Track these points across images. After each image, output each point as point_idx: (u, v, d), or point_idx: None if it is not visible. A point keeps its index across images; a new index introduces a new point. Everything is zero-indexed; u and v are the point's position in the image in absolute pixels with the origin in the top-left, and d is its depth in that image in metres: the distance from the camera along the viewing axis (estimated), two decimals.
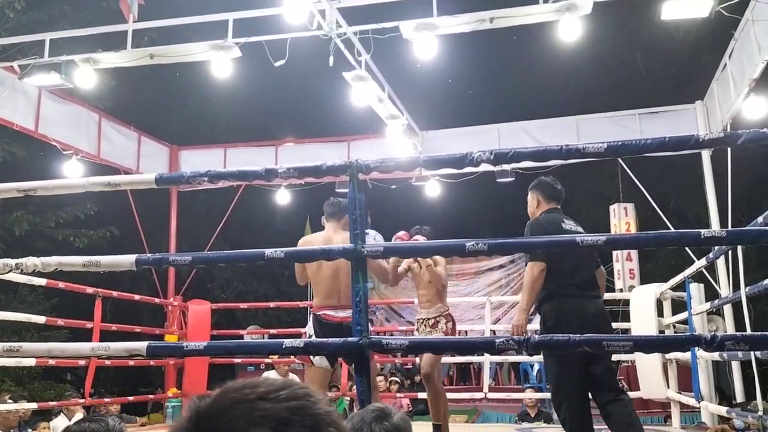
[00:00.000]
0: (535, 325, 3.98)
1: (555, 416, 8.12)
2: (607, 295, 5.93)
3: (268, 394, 0.73)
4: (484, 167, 7.15)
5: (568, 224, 3.56)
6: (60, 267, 3.24)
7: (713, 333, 2.87)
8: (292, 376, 7.90)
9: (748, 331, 4.34)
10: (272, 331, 9.69)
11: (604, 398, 3.36)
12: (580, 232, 3.49)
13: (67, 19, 9.91)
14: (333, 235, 3.93)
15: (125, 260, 3.15)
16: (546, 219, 3.60)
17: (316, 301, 3.91)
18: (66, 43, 7.63)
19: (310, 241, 3.99)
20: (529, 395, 7.53)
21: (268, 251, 3.06)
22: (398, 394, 8.08)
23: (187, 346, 3.02)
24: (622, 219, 8.48)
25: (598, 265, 3.66)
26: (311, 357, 3.72)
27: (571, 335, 2.61)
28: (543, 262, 3.37)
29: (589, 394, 3.41)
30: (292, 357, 7.94)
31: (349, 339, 3.08)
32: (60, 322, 6.54)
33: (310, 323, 3.93)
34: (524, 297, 3.44)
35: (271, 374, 7.89)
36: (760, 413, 4.18)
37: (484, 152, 3.01)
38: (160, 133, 9.65)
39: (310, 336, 3.87)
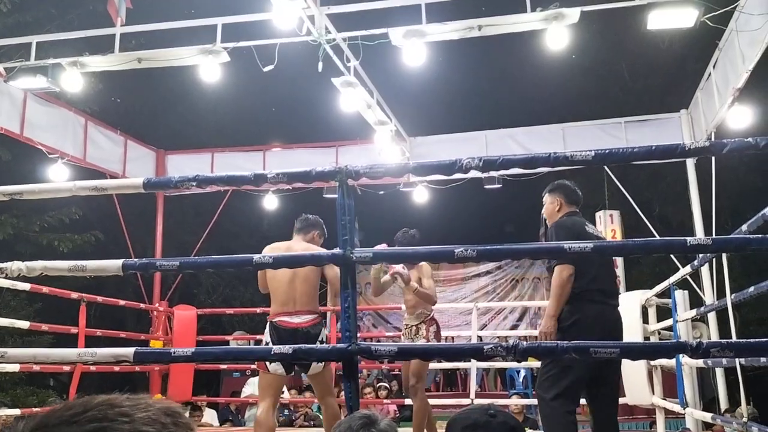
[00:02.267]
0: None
1: (540, 423, 8.17)
2: None
3: (74, 417, 0.71)
4: (473, 174, 7.22)
5: (591, 228, 3.55)
6: (45, 272, 3.20)
7: (698, 340, 2.90)
8: None
9: (734, 338, 4.38)
10: (258, 336, 9.63)
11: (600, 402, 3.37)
12: (602, 237, 3.50)
13: (53, 22, 9.84)
14: (294, 245, 3.99)
15: (112, 265, 3.12)
16: (570, 221, 3.53)
17: (272, 308, 3.88)
18: (52, 46, 7.57)
19: (275, 248, 3.94)
20: (515, 401, 7.54)
21: (256, 256, 3.05)
22: (385, 401, 8.06)
23: (174, 353, 2.99)
24: (608, 226, 8.54)
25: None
26: (266, 364, 3.69)
27: (558, 342, 2.62)
28: (572, 264, 3.24)
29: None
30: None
31: (339, 345, 3.08)
32: (44, 327, 6.46)
33: (267, 330, 3.87)
34: (552, 303, 3.31)
35: (256, 380, 7.86)
36: (745, 419, 4.22)
37: (473, 159, 3.02)
38: (147, 138, 9.60)
39: (266, 343, 3.80)
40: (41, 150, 7.36)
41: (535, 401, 8.45)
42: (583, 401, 3.62)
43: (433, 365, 9.40)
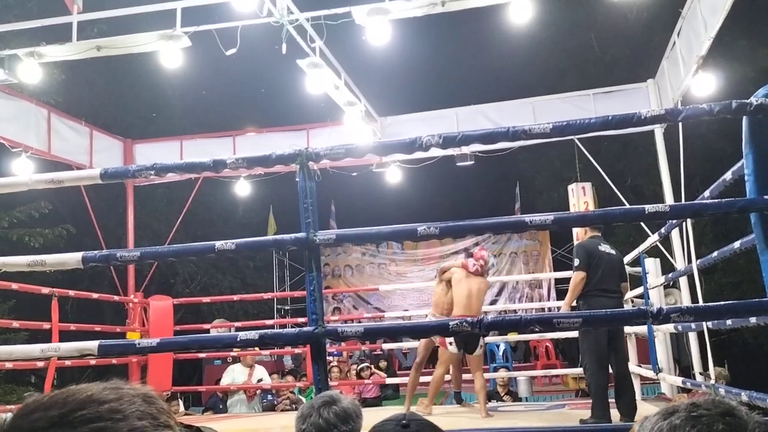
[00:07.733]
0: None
1: (521, 394, 8.30)
2: (566, 273, 6.20)
3: (64, 417, 0.65)
4: (440, 152, 7.19)
5: (604, 247, 4.68)
6: (4, 268, 3.15)
7: (660, 306, 2.94)
8: (259, 368, 7.86)
9: (701, 303, 4.45)
10: (238, 324, 9.62)
11: (616, 362, 4.60)
12: (612, 254, 4.66)
13: (11, 11, 9.60)
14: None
15: (72, 258, 3.08)
16: (589, 242, 4.74)
17: (456, 311, 5.36)
18: (13, 36, 7.38)
19: (450, 266, 5.70)
20: (502, 375, 7.64)
21: (218, 243, 3.03)
22: (366, 381, 8.10)
23: (139, 344, 2.97)
24: (581, 198, 8.59)
25: (623, 280, 4.77)
26: (448, 344, 5.23)
27: (522, 315, 2.65)
28: (584, 272, 4.57)
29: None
30: (256, 348, 7.91)
31: (305, 328, 3.07)
32: (15, 324, 6.38)
33: None
34: (568, 297, 4.67)
35: (237, 367, 7.84)
36: (712, 381, 4.30)
37: (433, 136, 3.02)
38: (115, 128, 9.44)
39: (450, 342, 5.34)
40: (3, 144, 7.20)
41: (515, 374, 8.68)
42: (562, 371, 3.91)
43: (414, 343, 9.45)
